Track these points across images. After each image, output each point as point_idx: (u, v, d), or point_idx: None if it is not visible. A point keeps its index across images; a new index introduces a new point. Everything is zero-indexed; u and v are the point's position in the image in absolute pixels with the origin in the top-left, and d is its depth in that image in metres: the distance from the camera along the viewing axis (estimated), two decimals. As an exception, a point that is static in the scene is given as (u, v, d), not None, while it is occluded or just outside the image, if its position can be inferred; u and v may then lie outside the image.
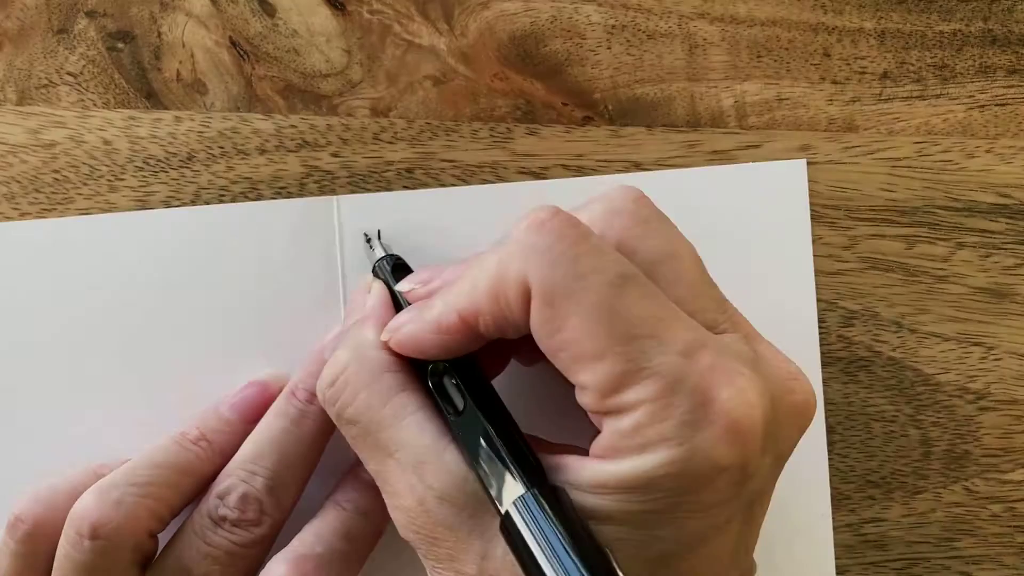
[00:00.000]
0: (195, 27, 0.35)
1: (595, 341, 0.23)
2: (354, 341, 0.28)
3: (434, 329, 0.26)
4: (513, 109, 0.35)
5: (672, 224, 0.27)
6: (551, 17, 0.36)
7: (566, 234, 0.24)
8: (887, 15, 0.36)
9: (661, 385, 0.23)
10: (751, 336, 0.26)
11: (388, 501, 0.27)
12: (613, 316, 0.23)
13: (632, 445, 0.23)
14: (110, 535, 0.29)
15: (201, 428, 0.32)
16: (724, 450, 0.23)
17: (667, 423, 0.23)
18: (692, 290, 0.26)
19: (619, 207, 0.27)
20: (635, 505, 0.23)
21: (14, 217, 0.34)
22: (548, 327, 0.24)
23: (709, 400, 0.23)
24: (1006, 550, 0.36)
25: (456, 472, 0.25)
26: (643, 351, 0.23)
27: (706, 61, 0.36)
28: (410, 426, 0.26)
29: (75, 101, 0.35)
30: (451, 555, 0.25)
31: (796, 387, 0.26)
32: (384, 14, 0.35)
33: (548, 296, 0.24)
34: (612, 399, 0.23)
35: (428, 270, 0.29)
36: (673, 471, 0.23)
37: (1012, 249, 0.36)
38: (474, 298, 0.25)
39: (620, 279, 0.24)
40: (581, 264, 0.24)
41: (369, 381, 0.27)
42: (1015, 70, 0.36)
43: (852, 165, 0.36)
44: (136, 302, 0.34)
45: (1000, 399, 0.36)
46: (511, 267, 0.24)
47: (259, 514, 0.30)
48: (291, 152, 0.35)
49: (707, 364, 0.23)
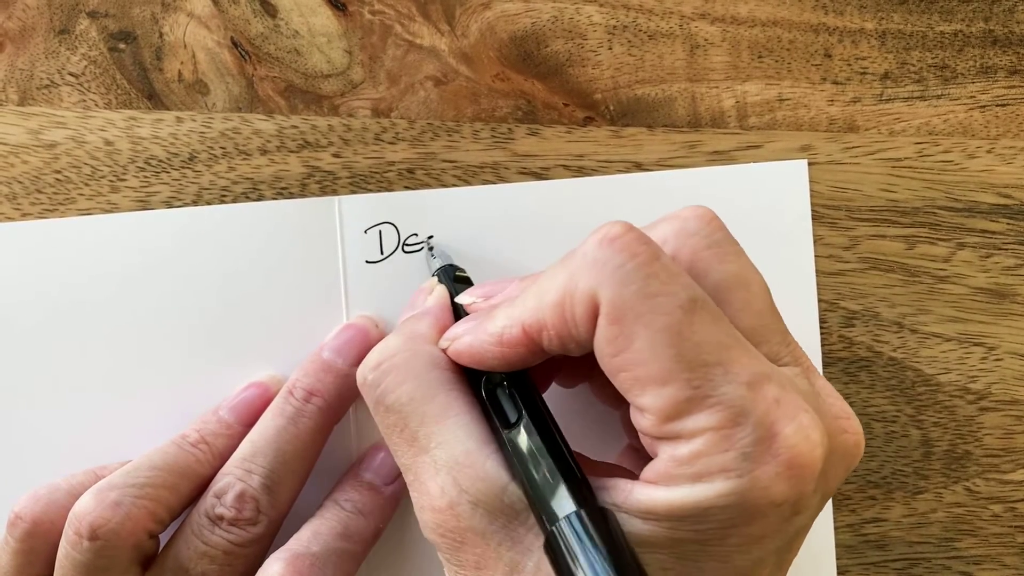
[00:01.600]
0: (197, 28, 0.35)
1: (661, 364, 0.23)
2: (408, 331, 0.28)
3: (496, 341, 0.26)
4: (514, 109, 0.36)
5: (742, 249, 0.26)
6: (552, 17, 0.36)
7: (638, 252, 0.23)
8: (888, 16, 0.36)
9: (725, 415, 0.22)
10: (810, 371, 0.26)
11: (416, 498, 0.26)
12: (682, 340, 0.23)
13: (688, 473, 0.23)
14: (109, 536, 0.29)
15: (200, 431, 0.32)
16: (782, 486, 0.22)
17: (728, 454, 0.22)
18: (759, 320, 0.25)
19: (692, 228, 0.26)
20: (684, 534, 0.23)
21: (16, 218, 0.34)
22: (613, 345, 0.23)
23: (772, 435, 0.22)
24: (1007, 550, 0.36)
25: (496, 481, 0.25)
26: (709, 379, 0.22)
27: (707, 61, 0.36)
28: (455, 427, 0.26)
29: (77, 101, 0.35)
30: (478, 562, 0.25)
31: (849, 427, 0.25)
32: (385, 15, 0.36)
33: (617, 314, 0.23)
34: (672, 424, 0.23)
35: (489, 284, 0.29)
36: (729, 503, 0.22)
37: (1013, 249, 0.36)
38: (540, 312, 0.25)
39: (690, 303, 0.23)
40: (652, 284, 0.23)
41: (418, 372, 0.27)
42: (1016, 71, 0.36)
43: (853, 165, 0.36)
44: (137, 303, 0.34)
45: (1001, 399, 0.36)
46: (580, 281, 0.24)
47: (256, 513, 0.30)
48: (292, 152, 0.35)
49: (772, 398, 0.23)
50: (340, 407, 0.32)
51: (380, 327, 0.34)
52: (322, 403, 0.31)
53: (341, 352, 0.32)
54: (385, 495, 0.33)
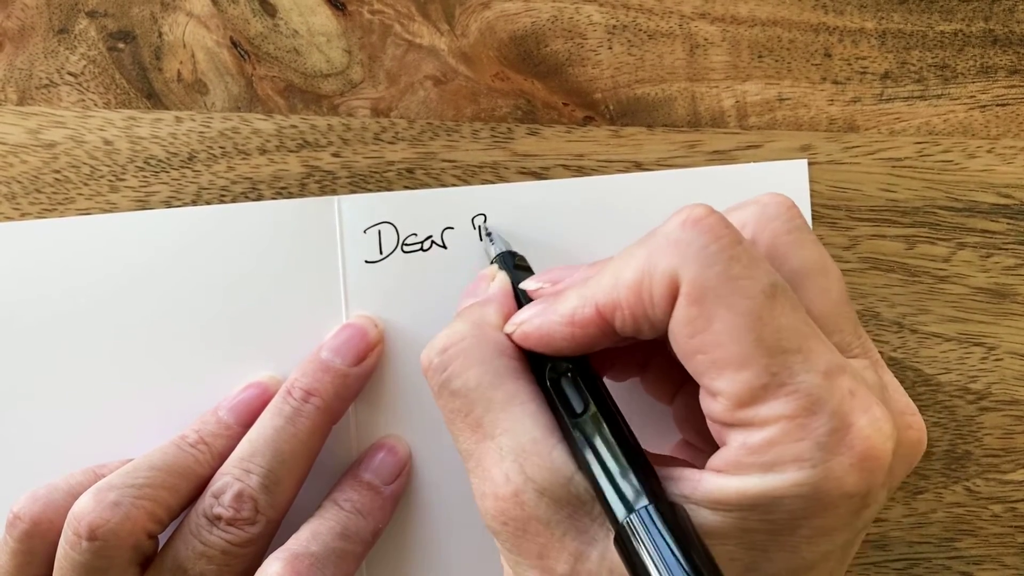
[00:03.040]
0: (196, 27, 0.35)
1: (740, 348, 0.22)
2: (475, 317, 0.28)
3: (567, 322, 0.26)
4: (514, 109, 0.35)
5: (817, 238, 0.26)
6: (552, 17, 0.36)
7: (722, 234, 0.23)
8: (888, 15, 0.36)
9: (802, 403, 0.22)
10: (878, 364, 0.26)
11: (477, 485, 0.26)
12: (762, 325, 0.22)
13: (760, 462, 0.22)
14: (107, 536, 0.29)
15: (200, 431, 0.32)
16: (854, 477, 0.22)
17: (803, 443, 0.22)
18: (835, 308, 0.25)
19: (772, 213, 0.26)
20: (754, 524, 0.22)
21: (15, 217, 0.34)
22: (691, 327, 0.23)
23: (847, 426, 0.22)
24: (1007, 550, 0.36)
25: (562, 470, 0.24)
26: (787, 366, 0.22)
27: (707, 61, 0.36)
28: (521, 415, 0.25)
29: (76, 101, 0.35)
30: (540, 552, 0.24)
31: (913, 423, 0.25)
32: (385, 14, 0.36)
33: (698, 294, 0.23)
34: (746, 410, 0.22)
35: (556, 271, 0.29)
36: (802, 492, 0.22)
37: (1013, 249, 0.36)
38: (615, 291, 0.24)
39: (772, 288, 0.23)
40: (735, 267, 0.23)
41: (485, 358, 0.26)
42: (1016, 70, 0.36)
43: (853, 165, 0.36)
44: (137, 302, 0.34)
45: (1001, 399, 0.36)
46: (661, 261, 0.23)
47: (254, 512, 0.30)
48: (292, 152, 0.35)
49: (847, 389, 0.22)
50: (339, 407, 0.32)
51: (379, 327, 0.34)
52: (320, 403, 0.31)
53: (340, 352, 0.32)
54: (385, 495, 0.32)
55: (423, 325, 0.34)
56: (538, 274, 0.29)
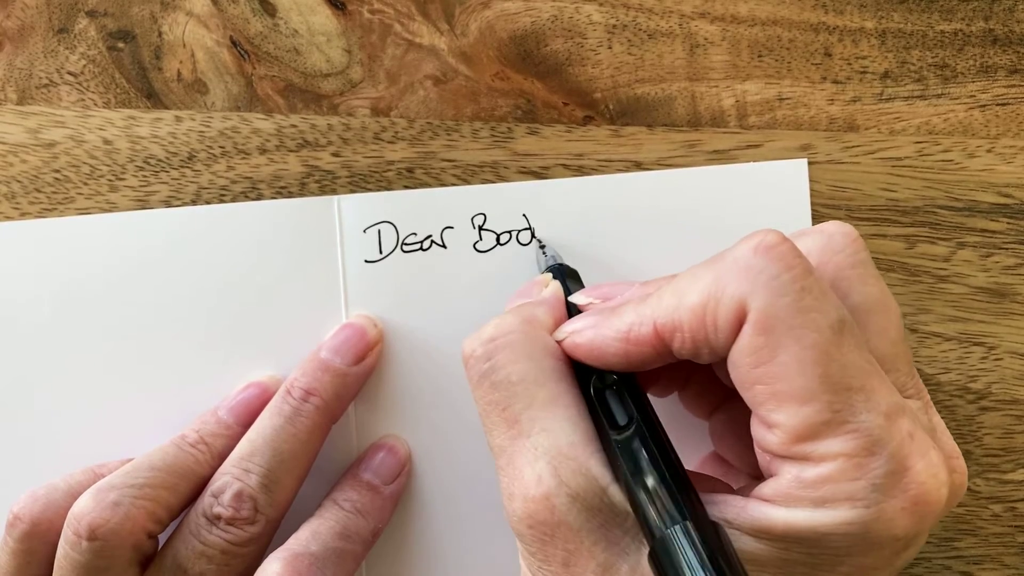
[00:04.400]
0: (196, 27, 0.35)
1: (805, 382, 0.22)
2: (526, 314, 0.27)
3: (622, 338, 0.25)
4: (514, 108, 0.35)
5: (879, 274, 0.26)
6: (552, 17, 0.36)
7: (794, 264, 0.23)
8: (888, 15, 0.36)
9: (861, 443, 0.22)
10: (928, 405, 0.26)
11: (505, 484, 0.25)
12: (829, 361, 0.22)
13: (813, 496, 0.22)
14: (107, 536, 0.29)
15: (199, 431, 0.32)
16: (906, 520, 0.22)
17: (859, 483, 0.22)
18: (893, 348, 0.25)
19: (838, 245, 0.26)
20: (796, 556, 0.22)
21: (14, 217, 0.34)
22: (755, 356, 0.23)
23: (904, 468, 0.22)
24: (1007, 550, 0.36)
25: (598, 479, 0.24)
26: (850, 404, 0.22)
27: (707, 61, 0.36)
28: (562, 418, 0.25)
29: (75, 101, 0.35)
30: (566, 559, 0.24)
31: (958, 467, 0.25)
32: (384, 14, 0.35)
33: (766, 324, 0.22)
34: (803, 445, 0.22)
35: (607, 286, 0.28)
36: (851, 531, 0.22)
37: (1013, 249, 0.36)
38: (677, 312, 0.24)
39: (840, 324, 0.22)
40: (806, 299, 0.22)
41: (532, 354, 0.26)
42: (1016, 70, 0.36)
43: (853, 165, 0.36)
44: (136, 302, 0.34)
45: (1001, 399, 0.36)
46: (730, 286, 0.23)
47: (253, 512, 0.30)
48: (292, 152, 0.35)
49: (907, 431, 0.22)
50: (338, 406, 0.32)
51: (379, 327, 0.34)
52: (320, 402, 0.31)
53: (339, 351, 0.32)
54: (385, 495, 0.32)
55: (423, 324, 0.34)
56: (588, 288, 0.29)
